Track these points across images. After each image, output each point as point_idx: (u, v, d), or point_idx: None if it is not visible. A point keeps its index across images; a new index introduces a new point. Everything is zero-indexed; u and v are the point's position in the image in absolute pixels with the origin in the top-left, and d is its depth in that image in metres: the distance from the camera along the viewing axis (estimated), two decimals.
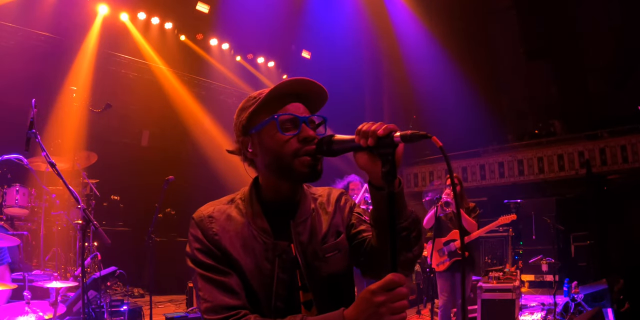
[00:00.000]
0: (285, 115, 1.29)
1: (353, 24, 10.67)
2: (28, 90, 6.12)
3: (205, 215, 1.36)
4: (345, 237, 1.43)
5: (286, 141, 1.28)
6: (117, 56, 8.63)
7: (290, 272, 1.34)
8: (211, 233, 1.32)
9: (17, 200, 5.68)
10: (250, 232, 1.34)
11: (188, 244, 1.35)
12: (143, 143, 9.38)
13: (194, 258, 1.31)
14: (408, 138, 1.11)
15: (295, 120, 1.30)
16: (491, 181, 11.98)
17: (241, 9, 8.92)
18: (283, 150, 1.29)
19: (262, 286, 1.31)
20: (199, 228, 1.33)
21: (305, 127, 1.30)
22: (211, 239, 1.31)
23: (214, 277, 1.29)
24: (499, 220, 5.11)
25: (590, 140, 10.91)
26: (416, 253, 1.32)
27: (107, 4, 8.12)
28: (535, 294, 8.21)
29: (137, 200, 8.31)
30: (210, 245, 1.31)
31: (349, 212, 1.46)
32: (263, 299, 1.31)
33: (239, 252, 1.32)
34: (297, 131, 1.29)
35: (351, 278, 1.45)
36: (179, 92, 9.47)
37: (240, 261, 1.31)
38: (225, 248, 1.31)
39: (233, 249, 1.32)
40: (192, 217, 1.37)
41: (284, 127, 1.29)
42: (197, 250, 1.32)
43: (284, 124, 1.29)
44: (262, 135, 1.32)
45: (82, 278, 2.99)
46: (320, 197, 1.46)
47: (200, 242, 1.32)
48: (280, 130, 1.28)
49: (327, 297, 1.36)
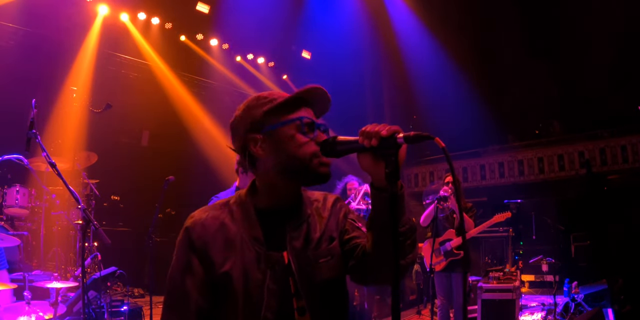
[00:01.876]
0: (306, 118, 1.33)
1: (353, 23, 10.66)
2: (28, 90, 6.11)
3: (199, 222, 1.37)
4: (338, 242, 1.42)
5: (305, 143, 1.31)
6: (117, 56, 8.63)
7: (281, 282, 1.33)
8: (200, 242, 1.34)
9: (17, 200, 5.69)
10: (241, 241, 1.34)
11: (175, 250, 1.38)
12: (143, 143, 9.39)
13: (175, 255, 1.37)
14: (411, 139, 1.12)
15: (313, 125, 1.33)
16: (491, 181, 11.99)
17: (241, 9, 8.92)
18: (301, 152, 1.30)
19: (249, 296, 1.30)
20: (188, 235, 1.36)
21: (319, 132, 1.33)
22: (199, 248, 1.33)
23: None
24: (494, 218, 5.06)
25: (590, 140, 10.91)
26: (409, 261, 1.32)
27: (107, 4, 8.11)
28: (535, 294, 8.20)
29: (137, 200, 8.31)
30: (196, 254, 1.33)
31: (343, 218, 1.46)
32: (249, 308, 1.30)
33: (228, 262, 1.31)
34: (315, 134, 1.32)
35: (344, 284, 1.43)
36: (179, 92, 9.47)
37: (227, 270, 1.31)
38: (212, 258, 1.32)
39: (221, 258, 1.32)
40: (185, 224, 1.39)
41: (304, 130, 1.32)
42: (180, 253, 1.36)
43: (303, 127, 1.32)
44: (279, 135, 1.32)
45: (82, 278, 3.00)
46: (317, 202, 1.46)
47: (185, 249, 1.35)
48: (304, 132, 1.31)
49: (320, 304, 1.35)
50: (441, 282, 4.85)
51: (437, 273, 4.87)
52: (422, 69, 11.34)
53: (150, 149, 9.29)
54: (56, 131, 6.69)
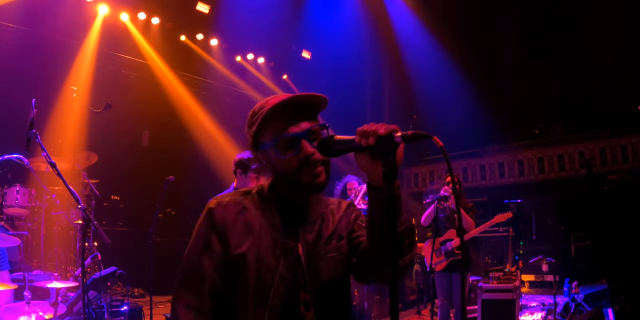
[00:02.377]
0: (284, 136, 1.34)
1: (353, 23, 10.66)
2: (28, 90, 6.11)
3: (222, 204, 1.42)
4: (347, 242, 1.46)
5: (287, 161, 1.34)
6: (117, 56, 8.63)
7: (293, 271, 1.36)
8: (221, 222, 1.38)
9: (17, 200, 5.69)
10: (260, 226, 1.38)
11: (194, 231, 1.43)
12: (143, 143, 9.38)
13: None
14: (409, 138, 1.11)
15: (294, 140, 1.33)
16: (491, 181, 11.98)
17: (241, 9, 8.92)
18: (286, 170, 1.35)
19: (261, 281, 1.33)
20: (210, 215, 1.41)
21: (305, 144, 1.33)
22: (219, 228, 1.38)
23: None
24: (495, 218, 5.07)
25: (590, 140, 10.90)
26: (407, 261, 1.34)
27: (107, 4, 8.12)
28: (535, 294, 8.20)
29: (137, 200, 8.31)
30: (216, 233, 1.38)
31: (353, 220, 1.51)
32: (259, 293, 1.33)
33: (244, 244, 1.36)
34: (296, 151, 1.33)
35: (348, 284, 1.47)
36: (179, 92, 9.47)
37: (243, 252, 1.35)
38: (230, 239, 1.37)
39: (239, 240, 1.36)
40: (208, 204, 1.44)
41: (284, 149, 1.34)
42: (200, 232, 1.41)
43: (284, 144, 1.34)
44: (268, 154, 1.40)
45: (82, 278, 3.00)
46: (332, 205, 1.53)
47: (206, 228, 1.40)
48: (280, 154, 1.34)
49: (324, 298, 1.37)
50: (441, 282, 4.85)
51: (438, 273, 4.87)
52: (422, 69, 11.33)
53: (150, 149, 9.28)
54: (56, 131, 6.69)
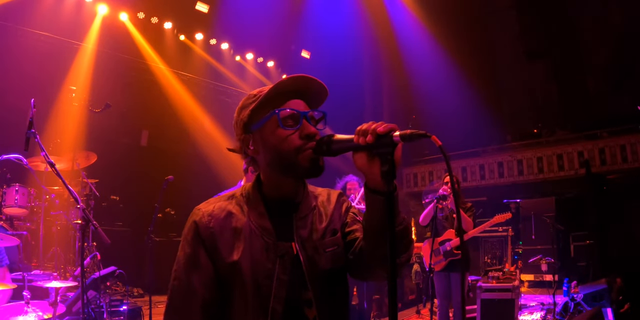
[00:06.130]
0: (286, 110, 1.29)
1: (353, 24, 10.68)
2: (28, 90, 6.11)
3: (205, 214, 1.35)
4: (341, 234, 1.43)
5: (288, 137, 1.28)
6: (117, 56, 8.62)
7: (291, 272, 1.32)
8: (208, 233, 1.32)
9: (16, 200, 5.67)
10: (250, 230, 1.33)
11: (180, 244, 1.37)
12: (143, 143, 9.38)
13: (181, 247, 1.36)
14: (407, 137, 1.10)
15: (296, 116, 1.29)
16: (491, 181, 11.99)
17: (241, 9, 8.93)
18: (285, 146, 1.28)
19: (259, 287, 1.29)
20: (195, 228, 1.34)
21: (306, 123, 1.29)
22: (206, 241, 1.31)
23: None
24: (494, 218, 5.06)
25: (589, 140, 10.91)
26: (403, 261, 1.31)
27: (106, 4, 8.12)
28: (534, 294, 8.21)
29: (136, 200, 8.30)
30: (203, 246, 1.31)
31: (345, 212, 1.47)
32: (259, 300, 1.29)
33: (236, 251, 1.30)
34: (298, 126, 1.29)
35: (346, 278, 1.44)
36: (179, 92, 9.47)
37: (236, 260, 1.29)
38: (219, 248, 1.30)
39: (229, 248, 1.31)
40: (191, 214, 1.37)
41: (286, 123, 1.29)
42: (186, 246, 1.34)
43: (285, 119, 1.29)
44: (264, 131, 1.32)
45: (81, 278, 3.00)
46: (321, 196, 1.47)
47: (192, 242, 1.33)
48: (282, 126, 1.28)
49: (325, 295, 1.35)
50: (440, 282, 4.85)
51: (437, 273, 4.86)
52: (422, 69, 11.34)
53: (149, 148, 9.28)
54: (55, 131, 6.68)
